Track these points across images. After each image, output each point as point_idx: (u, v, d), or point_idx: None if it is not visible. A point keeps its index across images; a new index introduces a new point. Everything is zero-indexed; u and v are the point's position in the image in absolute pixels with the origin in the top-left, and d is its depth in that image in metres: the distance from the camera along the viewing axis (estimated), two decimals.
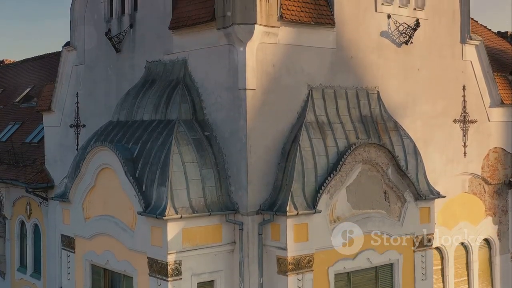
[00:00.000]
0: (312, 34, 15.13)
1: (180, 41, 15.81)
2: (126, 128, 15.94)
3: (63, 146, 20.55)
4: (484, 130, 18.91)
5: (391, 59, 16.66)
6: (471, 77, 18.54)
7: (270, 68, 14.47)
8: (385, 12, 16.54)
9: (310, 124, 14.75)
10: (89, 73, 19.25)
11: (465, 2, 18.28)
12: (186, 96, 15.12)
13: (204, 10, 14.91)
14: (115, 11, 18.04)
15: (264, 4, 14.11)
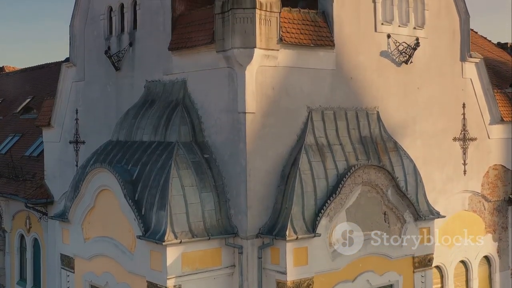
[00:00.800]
0: (311, 55, 15.10)
1: (179, 61, 15.79)
2: (125, 149, 15.93)
3: (62, 161, 20.55)
4: (484, 147, 18.89)
5: (391, 79, 16.64)
6: (471, 94, 18.52)
7: (269, 91, 14.45)
8: (385, 32, 16.51)
9: (310, 146, 14.74)
10: (89, 90, 19.24)
11: (465, 20, 18.26)
12: (185, 118, 15.10)
13: (204, 32, 14.89)
14: (115, 29, 18.03)
15: (264, 27, 14.09)
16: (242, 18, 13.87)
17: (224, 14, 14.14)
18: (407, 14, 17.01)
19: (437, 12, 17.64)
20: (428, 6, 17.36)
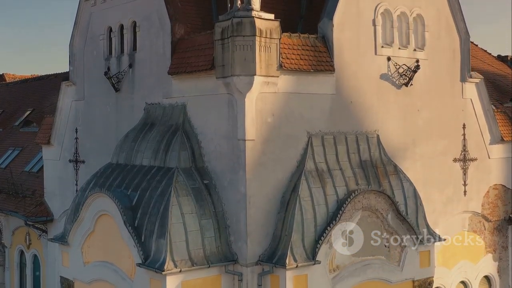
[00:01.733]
0: (311, 80, 15.08)
1: (179, 85, 15.78)
2: (125, 172, 15.92)
3: (62, 180, 20.53)
4: (484, 167, 18.85)
5: (391, 102, 16.61)
6: (471, 115, 18.49)
7: (269, 117, 14.42)
8: (385, 54, 16.47)
9: (310, 172, 14.71)
10: (88, 109, 19.22)
11: (465, 40, 18.23)
12: (185, 143, 15.09)
13: (203, 58, 14.87)
14: (114, 50, 18.01)
15: (264, 54, 14.06)
16: (242, 45, 13.85)
17: (224, 41, 14.11)
18: (407, 36, 16.98)
19: (437, 33, 17.61)
20: (428, 27, 17.33)
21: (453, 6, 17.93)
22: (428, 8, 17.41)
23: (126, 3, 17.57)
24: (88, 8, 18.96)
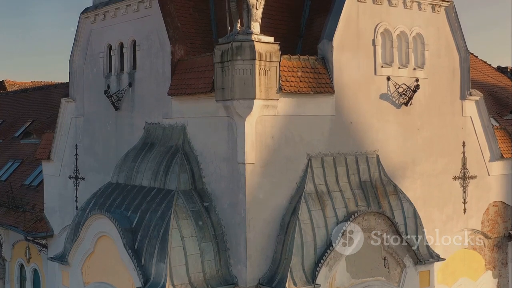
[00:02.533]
0: (311, 102, 15.08)
1: (179, 106, 15.79)
2: (125, 193, 15.93)
3: (62, 196, 20.54)
4: (484, 185, 18.86)
5: (390, 121, 16.61)
6: (470, 132, 18.49)
7: (269, 140, 14.43)
8: (384, 74, 16.47)
9: (309, 195, 14.72)
10: (88, 127, 19.23)
11: (465, 58, 18.23)
12: (185, 165, 15.09)
13: (203, 80, 14.88)
14: (114, 68, 18.02)
15: (264, 78, 14.06)
16: (241, 69, 13.85)
17: (224, 64, 14.11)
18: (407, 55, 16.98)
19: (437, 51, 17.63)
20: (428, 46, 17.34)
21: (453, 24, 17.93)
22: (428, 26, 17.43)
23: (126, 21, 17.58)
24: (88, 25, 18.97)
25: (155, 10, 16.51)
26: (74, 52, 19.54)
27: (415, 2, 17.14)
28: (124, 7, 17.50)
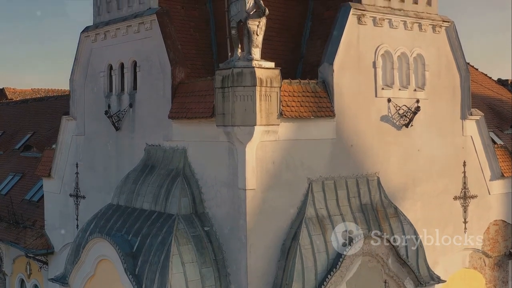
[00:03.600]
0: (312, 126, 15.08)
1: (180, 129, 15.79)
2: (126, 216, 15.94)
3: (63, 214, 20.54)
4: (485, 204, 18.86)
5: (391, 143, 16.62)
6: (471, 152, 18.48)
7: (270, 165, 14.43)
8: (385, 96, 16.47)
9: (310, 219, 14.72)
10: (89, 145, 19.22)
11: (466, 77, 18.22)
12: (185, 189, 15.09)
13: (204, 105, 14.88)
14: (115, 88, 18.01)
15: (264, 104, 14.05)
16: (242, 95, 13.83)
17: (225, 89, 14.11)
18: (407, 76, 16.99)
19: (438, 71, 17.63)
20: (428, 66, 17.35)
21: (453, 44, 17.93)
22: (429, 47, 17.43)
23: (126, 42, 17.58)
24: (89, 44, 18.96)
25: (156, 32, 16.50)
26: (75, 70, 19.52)
27: (416, 23, 17.15)
28: (124, 28, 17.50)
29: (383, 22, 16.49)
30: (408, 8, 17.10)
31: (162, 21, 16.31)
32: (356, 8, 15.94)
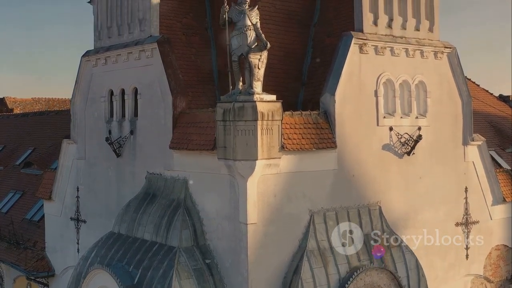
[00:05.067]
0: (313, 158, 15.03)
1: (180, 159, 15.75)
2: (127, 245, 15.90)
3: (63, 237, 20.48)
4: (486, 229, 18.80)
5: (393, 172, 16.56)
6: (473, 177, 18.42)
7: (271, 199, 14.38)
8: (387, 125, 16.43)
9: (312, 252, 14.67)
10: (90, 170, 19.17)
11: (467, 103, 18.16)
12: (187, 221, 15.05)
13: (205, 137, 14.83)
14: (116, 114, 17.98)
15: (266, 137, 13.99)
16: (243, 130, 13.79)
17: (226, 123, 14.06)
18: (409, 103, 16.94)
19: (439, 98, 17.57)
20: (430, 93, 17.30)
21: (455, 70, 17.88)
22: (431, 74, 17.38)
23: (127, 68, 17.53)
24: (89, 68, 18.92)
25: (156, 60, 16.45)
26: (75, 93, 19.49)
27: (418, 50, 17.10)
28: (125, 54, 17.45)
29: (385, 51, 16.43)
30: (410, 35, 17.04)
31: (163, 50, 16.26)
32: (358, 37, 15.88)
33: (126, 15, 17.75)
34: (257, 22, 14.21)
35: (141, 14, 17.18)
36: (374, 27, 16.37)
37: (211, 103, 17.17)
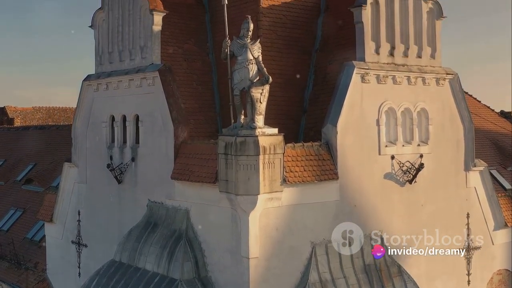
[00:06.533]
0: (315, 190, 15.00)
1: (182, 189, 15.72)
2: (128, 275, 15.90)
3: (64, 260, 20.44)
4: (488, 254, 18.77)
5: (395, 200, 16.54)
6: (475, 203, 18.39)
7: (273, 232, 14.36)
8: (388, 154, 16.40)
9: (314, 284, 14.64)
10: (91, 194, 19.14)
11: (469, 129, 18.13)
12: (188, 253, 15.03)
13: (207, 169, 14.79)
14: (117, 140, 17.94)
15: (267, 171, 13.96)
16: (245, 164, 13.75)
17: (227, 156, 14.01)
18: (411, 131, 16.92)
19: (441, 124, 17.54)
20: (432, 120, 17.28)
21: (457, 96, 17.85)
22: (433, 101, 17.36)
23: (128, 95, 17.50)
24: (91, 92, 18.88)
25: (158, 88, 16.42)
26: (77, 117, 19.46)
27: (420, 77, 17.08)
28: (127, 81, 17.42)
29: (387, 79, 16.41)
30: (412, 62, 17.02)
31: (165, 79, 16.23)
32: (360, 67, 15.86)
33: (128, 41, 17.71)
34: (259, 56, 14.16)
35: (143, 42, 17.15)
36: (376, 56, 16.35)
37: (213, 130, 17.22)
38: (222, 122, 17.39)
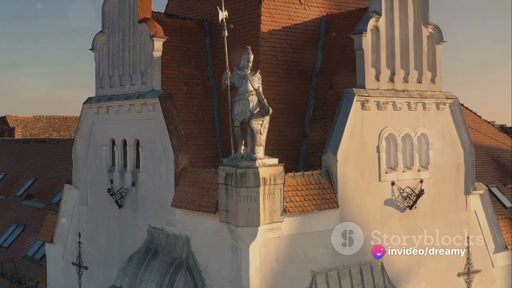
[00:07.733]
0: (315, 218, 15.02)
1: (182, 217, 15.73)
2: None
3: (65, 281, 20.45)
4: (489, 277, 18.79)
5: (395, 226, 16.55)
6: (475, 226, 18.39)
7: (273, 262, 14.38)
8: (389, 180, 16.41)
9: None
10: (91, 216, 19.15)
11: (469, 153, 18.12)
12: (189, 282, 15.04)
13: (207, 198, 14.81)
14: (117, 164, 17.96)
15: (268, 202, 13.98)
16: (246, 196, 13.76)
17: (228, 187, 14.04)
18: (411, 157, 16.94)
19: (442, 149, 17.56)
20: (432, 145, 17.29)
21: (457, 120, 17.86)
22: (433, 125, 17.38)
23: (129, 119, 17.52)
24: (91, 115, 18.89)
25: (158, 115, 16.42)
26: (77, 140, 19.46)
27: (420, 102, 17.09)
28: (127, 106, 17.44)
29: (387, 106, 16.43)
30: (412, 88, 17.04)
31: (165, 106, 16.25)
32: (360, 94, 15.88)
33: (128, 66, 17.73)
34: (259, 87, 14.18)
35: (143, 67, 17.16)
36: (376, 82, 16.37)
37: (213, 155, 17.23)
38: (222, 146, 17.41)
